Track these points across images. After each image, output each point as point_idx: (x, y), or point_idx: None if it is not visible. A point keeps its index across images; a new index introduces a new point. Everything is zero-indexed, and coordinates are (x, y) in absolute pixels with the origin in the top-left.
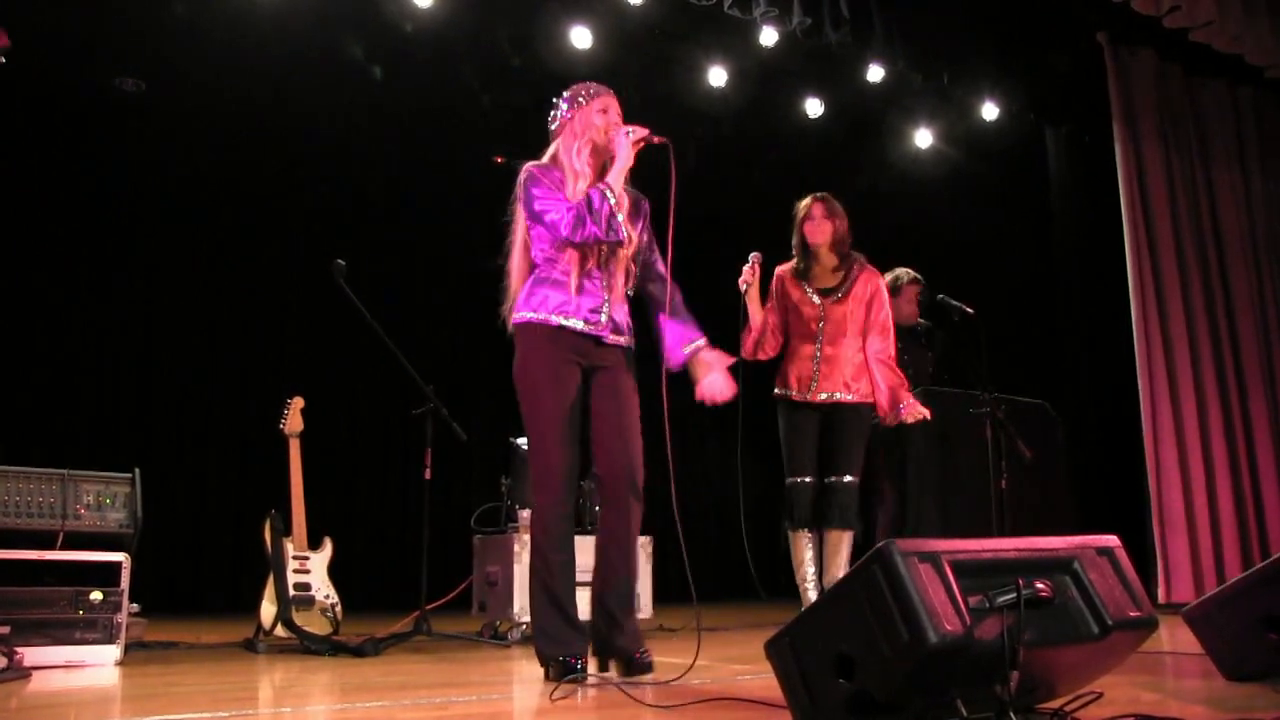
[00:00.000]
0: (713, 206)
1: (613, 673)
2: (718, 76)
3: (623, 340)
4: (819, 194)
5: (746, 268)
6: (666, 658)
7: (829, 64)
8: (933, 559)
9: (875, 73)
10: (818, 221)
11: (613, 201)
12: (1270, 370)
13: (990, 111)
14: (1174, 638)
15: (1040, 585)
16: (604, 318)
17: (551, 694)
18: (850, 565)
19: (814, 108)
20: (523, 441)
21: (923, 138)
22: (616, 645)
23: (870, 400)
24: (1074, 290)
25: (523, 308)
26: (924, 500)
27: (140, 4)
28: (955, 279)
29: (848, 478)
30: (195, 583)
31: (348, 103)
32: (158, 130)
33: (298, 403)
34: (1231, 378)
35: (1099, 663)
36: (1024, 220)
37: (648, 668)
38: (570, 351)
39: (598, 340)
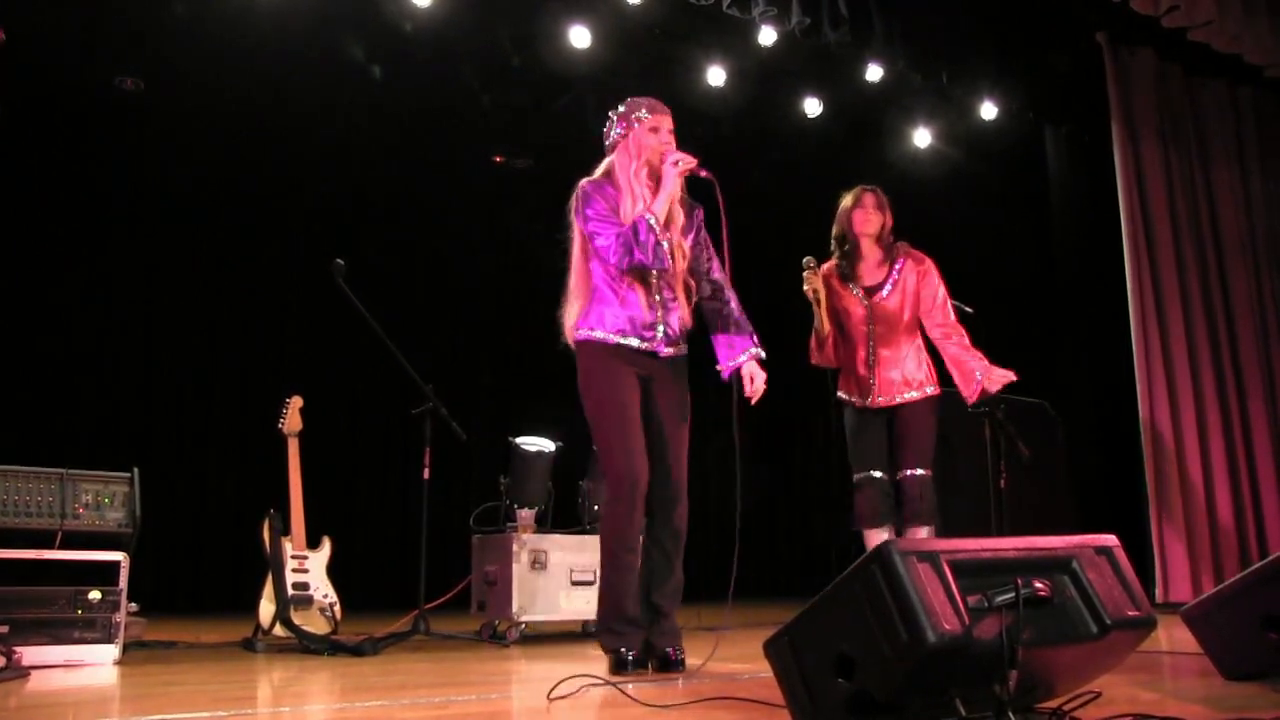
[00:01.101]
0: (712, 206)
1: (649, 669)
2: (717, 76)
3: (675, 350)
4: (870, 186)
5: (809, 273)
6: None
7: (828, 64)
8: (931, 559)
9: (874, 72)
10: (869, 211)
11: (657, 230)
12: (1268, 369)
13: (989, 111)
14: (1172, 637)
15: (1039, 585)
16: (659, 333)
17: (549, 693)
18: None
19: (813, 107)
20: (522, 441)
21: (922, 137)
22: (652, 642)
23: (934, 393)
24: (1073, 289)
25: (582, 325)
26: None
27: (140, 4)
28: (954, 278)
29: (920, 471)
30: (195, 582)
31: (347, 103)
32: (157, 130)
33: (296, 402)
34: (1229, 376)
35: (1098, 662)
36: (1023, 220)
37: (676, 666)
38: (629, 365)
39: (653, 354)
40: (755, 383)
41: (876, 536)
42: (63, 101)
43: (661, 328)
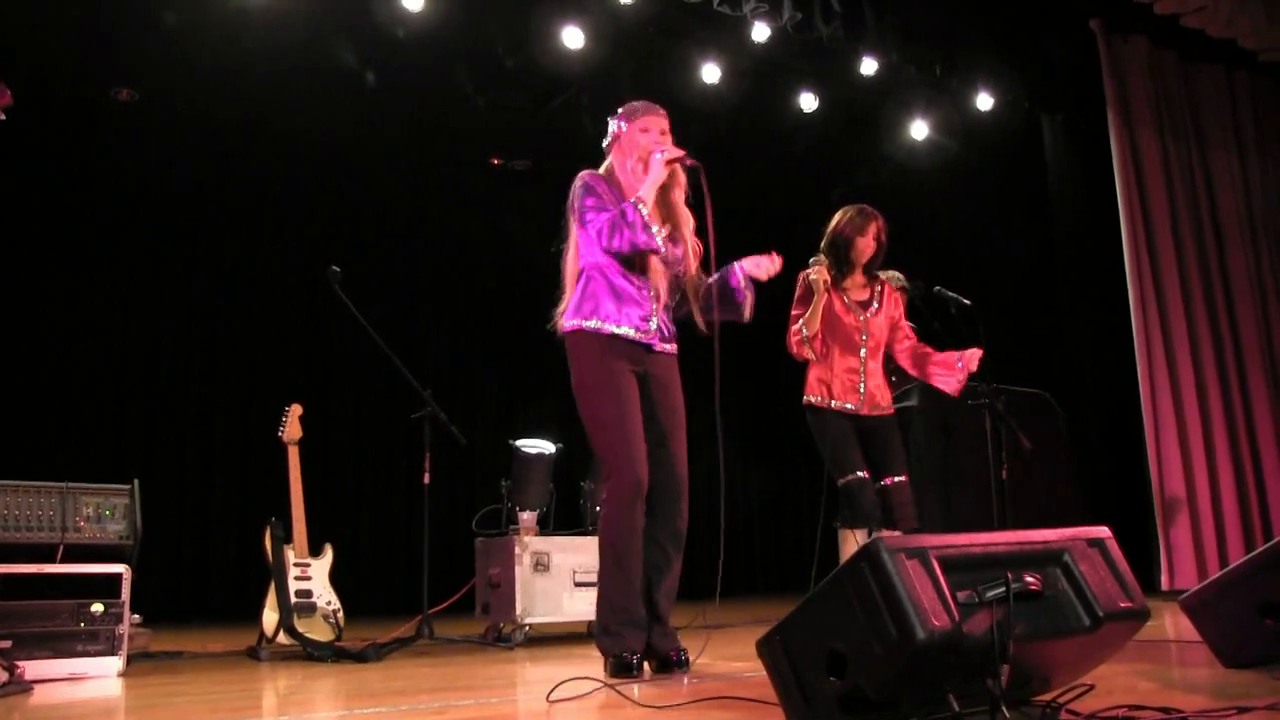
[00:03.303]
0: (699, 193)
1: (647, 671)
2: (711, 73)
3: (670, 348)
4: (878, 213)
5: (821, 265)
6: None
7: (822, 58)
8: (920, 555)
9: (869, 66)
10: (871, 242)
11: (645, 213)
12: (1270, 355)
13: (985, 101)
14: (1178, 625)
15: (1030, 579)
16: (653, 325)
17: (549, 695)
18: None
19: (809, 102)
20: (523, 444)
21: (918, 129)
22: (654, 644)
23: (893, 410)
24: (1073, 278)
25: (573, 315)
26: (925, 492)
27: (136, 15)
28: (953, 269)
29: (902, 477)
30: (202, 591)
31: (343, 109)
32: (155, 140)
33: (296, 410)
34: (1231, 363)
35: (1092, 654)
36: (1022, 209)
37: (680, 665)
38: (626, 358)
39: (648, 348)
40: (760, 266)
41: (855, 539)
42: (61, 112)
43: (655, 321)
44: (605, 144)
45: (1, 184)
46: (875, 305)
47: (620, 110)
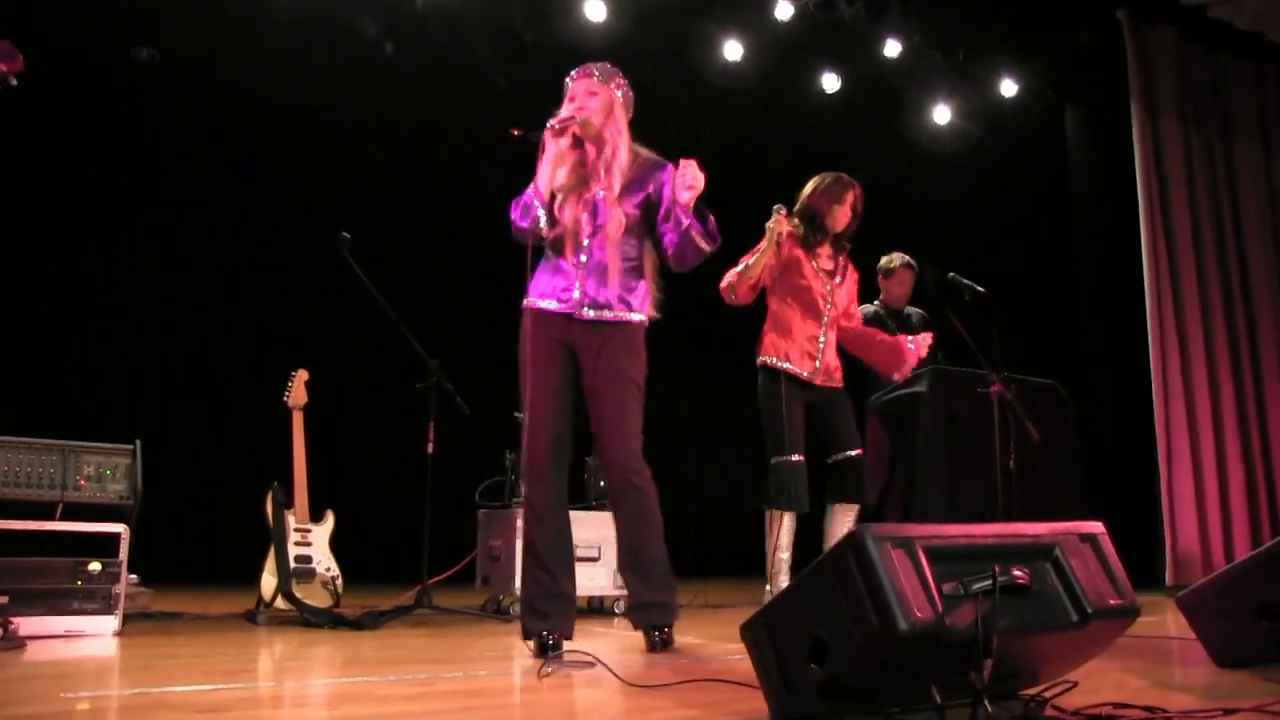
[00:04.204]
0: (727, 180)
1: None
2: (734, 50)
3: (605, 315)
4: (854, 181)
5: (782, 216)
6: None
7: (846, 39)
8: (906, 544)
9: (892, 48)
10: (848, 212)
11: (537, 199)
12: None
13: (1009, 88)
14: (1179, 622)
15: (1017, 572)
16: (576, 294)
17: (539, 671)
18: None
19: (831, 83)
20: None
21: (941, 114)
22: (638, 620)
23: (843, 384)
24: (1089, 269)
25: (526, 295)
26: (931, 482)
27: None
28: (971, 256)
29: (855, 452)
30: (204, 553)
31: (359, 76)
32: (168, 102)
33: (301, 376)
34: (1246, 358)
35: (1080, 650)
36: (1041, 199)
37: (659, 646)
38: (549, 331)
39: (569, 318)
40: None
41: (787, 520)
42: (75, 71)
43: (579, 290)
44: None
45: (16, 144)
46: (839, 278)
47: None
